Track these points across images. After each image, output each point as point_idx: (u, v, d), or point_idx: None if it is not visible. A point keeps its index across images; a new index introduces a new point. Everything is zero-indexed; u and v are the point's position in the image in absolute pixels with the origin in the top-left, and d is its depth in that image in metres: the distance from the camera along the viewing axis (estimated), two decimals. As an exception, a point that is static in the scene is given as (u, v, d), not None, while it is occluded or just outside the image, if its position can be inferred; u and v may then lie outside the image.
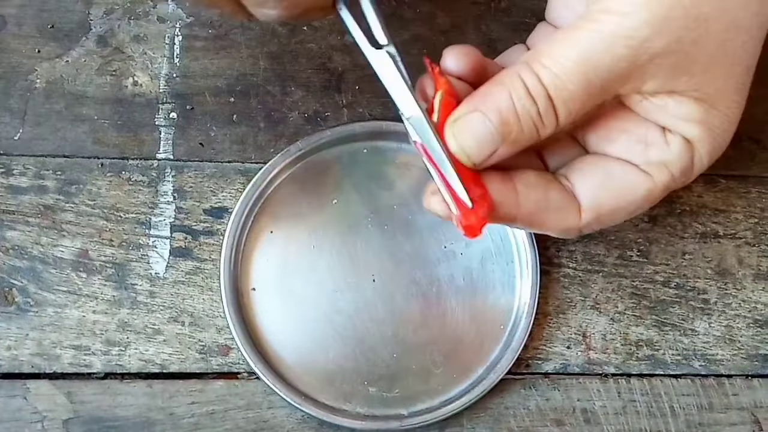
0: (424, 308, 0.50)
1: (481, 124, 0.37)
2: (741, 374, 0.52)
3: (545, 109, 0.37)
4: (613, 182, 0.40)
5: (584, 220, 0.40)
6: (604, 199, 0.40)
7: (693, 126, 0.38)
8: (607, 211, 0.40)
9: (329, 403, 0.49)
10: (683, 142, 0.39)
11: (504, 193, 0.39)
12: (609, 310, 0.52)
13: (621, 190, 0.40)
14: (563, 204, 0.40)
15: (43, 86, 0.51)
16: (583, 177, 0.40)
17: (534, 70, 0.37)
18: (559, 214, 0.40)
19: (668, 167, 0.39)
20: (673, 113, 0.38)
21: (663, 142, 0.39)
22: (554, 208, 0.40)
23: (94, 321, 0.49)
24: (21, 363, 0.49)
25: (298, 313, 0.50)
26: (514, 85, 0.37)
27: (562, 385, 0.51)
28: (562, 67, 0.36)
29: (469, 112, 0.38)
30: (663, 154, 0.39)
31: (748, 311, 0.52)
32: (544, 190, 0.40)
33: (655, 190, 0.40)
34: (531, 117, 0.37)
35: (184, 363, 0.50)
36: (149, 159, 0.51)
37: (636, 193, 0.40)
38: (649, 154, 0.39)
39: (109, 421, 0.49)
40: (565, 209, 0.40)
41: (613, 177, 0.40)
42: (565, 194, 0.40)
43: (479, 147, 0.38)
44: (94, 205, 0.50)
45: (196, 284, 0.50)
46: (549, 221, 0.40)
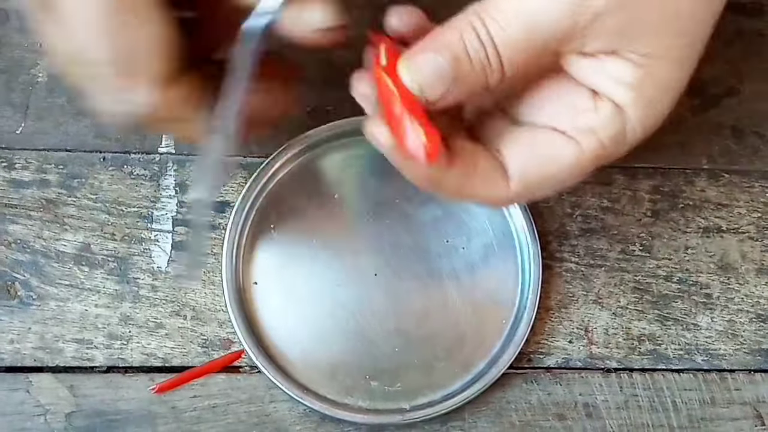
0: (426, 302, 0.50)
1: (433, 61, 0.37)
2: (743, 369, 0.52)
3: (493, 56, 0.37)
4: (540, 150, 0.39)
5: (513, 189, 0.40)
6: (530, 168, 0.39)
7: (626, 90, 0.38)
8: (534, 180, 0.40)
9: (331, 397, 0.49)
10: (613, 107, 0.38)
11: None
12: (611, 305, 0.52)
13: (547, 158, 0.39)
14: (492, 173, 0.39)
15: (45, 80, 0.51)
16: (511, 146, 0.40)
17: (482, 20, 0.37)
18: (488, 183, 0.39)
19: (596, 133, 0.38)
20: (608, 73, 0.37)
21: (592, 108, 0.38)
22: (482, 176, 0.39)
23: (97, 315, 0.50)
24: (24, 356, 0.49)
25: (299, 307, 0.50)
26: (464, 28, 0.37)
27: (564, 379, 0.51)
28: (507, 21, 0.36)
29: (422, 52, 0.38)
30: (591, 120, 0.38)
31: (751, 306, 0.52)
32: (473, 157, 0.39)
33: (583, 157, 0.39)
34: (480, 59, 0.37)
35: (186, 357, 0.50)
36: (151, 153, 0.51)
37: (562, 160, 0.39)
38: (577, 121, 0.39)
39: (111, 415, 0.49)
40: (493, 178, 0.39)
41: (540, 145, 0.39)
42: (494, 163, 0.40)
43: (433, 82, 0.37)
44: (96, 199, 0.50)
45: (198, 278, 0.50)
46: (477, 189, 0.40)
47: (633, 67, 0.37)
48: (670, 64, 0.38)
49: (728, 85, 0.37)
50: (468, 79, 0.38)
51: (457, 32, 0.37)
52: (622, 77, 0.37)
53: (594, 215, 0.53)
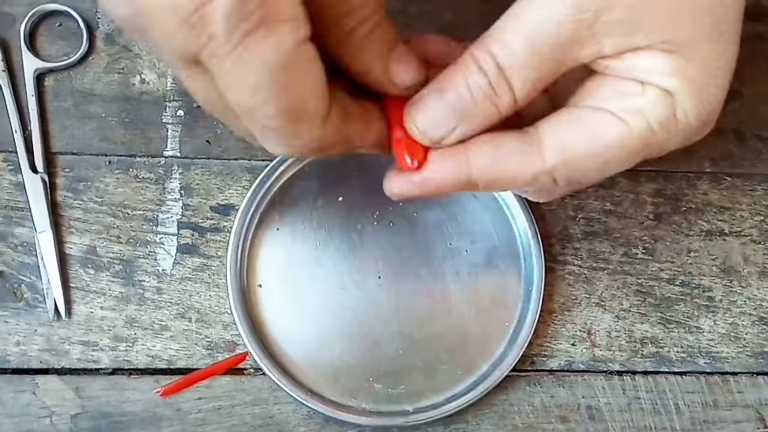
0: (430, 305, 0.50)
1: (435, 102, 0.37)
2: (746, 372, 0.52)
3: (496, 80, 0.36)
4: (582, 125, 0.37)
5: (548, 162, 0.37)
6: (571, 141, 0.37)
7: (669, 78, 0.36)
8: (575, 155, 0.37)
9: (335, 399, 0.49)
10: (661, 91, 0.36)
11: (451, 153, 0.38)
12: (614, 308, 0.52)
13: (590, 134, 0.37)
14: (520, 147, 0.38)
15: (51, 84, 0.51)
16: (550, 122, 0.38)
17: (483, 45, 0.36)
18: (519, 159, 0.38)
19: (644, 114, 0.37)
20: (645, 69, 0.36)
21: (639, 92, 0.37)
22: (510, 154, 0.38)
23: (102, 317, 0.50)
24: (30, 358, 0.49)
25: (304, 309, 0.50)
26: (465, 62, 0.37)
27: (566, 382, 0.51)
28: (509, 37, 0.36)
29: (426, 94, 0.38)
30: (638, 101, 0.37)
31: (754, 309, 0.52)
32: (496, 139, 0.38)
33: (631, 137, 0.37)
34: (482, 90, 0.36)
35: (191, 359, 0.50)
36: (156, 156, 0.51)
37: (607, 136, 0.37)
38: (625, 102, 0.37)
39: (116, 416, 0.49)
40: (523, 152, 0.38)
41: (582, 120, 0.38)
42: (520, 137, 0.38)
43: (435, 125, 0.37)
44: (102, 202, 0.51)
45: (203, 281, 0.50)
46: (509, 169, 0.38)
47: (665, 56, 0.36)
48: (702, 42, 0.36)
49: (730, 89, 0.37)
50: (472, 113, 0.37)
51: (458, 68, 0.37)
52: (661, 67, 0.36)
53: (597, 218, 0.53)
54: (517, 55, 0.36)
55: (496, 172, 0.38)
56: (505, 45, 0.36)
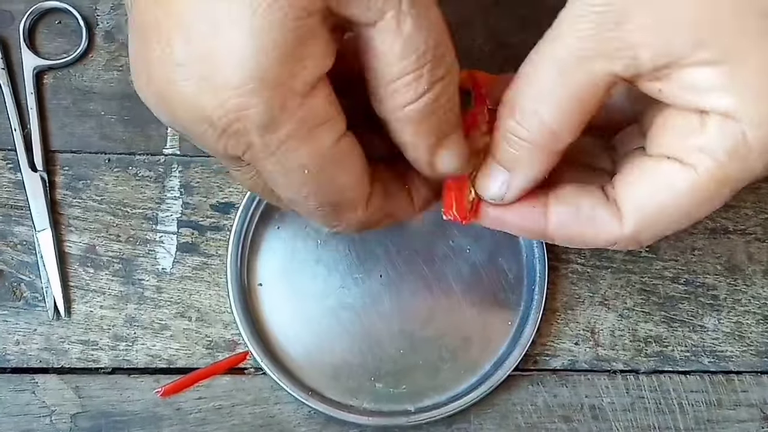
0: (432, 304, 0.50)
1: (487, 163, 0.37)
2: (750, 371, 0.52)
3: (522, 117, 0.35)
4: (653, 179, 0.36)
5: (627, 228, 0.36)
6: (643, 201, 0.36)
7: (722, 95, 0.33)
8: (651, 215, 0.36)
9: (336, 399, 0.49)
10: (719, 119, 0.34)
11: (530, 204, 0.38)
12: (617, 307, 0.52)
13: (660, 189, 0.35)
14: (598, 213, 0.37)
15: (50, 82, 0.51)
16: (624, 182, 0.37)
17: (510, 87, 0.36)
18: (595, 225, 0.37)
19: (708, 152, 0.34)
20: (697, 87, 0.34)
21: (699, 127, 0.34)
22: (587, 218, 0.37)
23: (102, 316, 0.50)
24: (29, 357, 0.49)
25: (304, 308, 0.50)
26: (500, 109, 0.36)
27: (570, 381, 0.51)
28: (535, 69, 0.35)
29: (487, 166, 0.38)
30: (699, 139, 0.34)
31: (758, 307, 0.52)
32: (576, 201, 0.37)
33: (701, 182, 0.34)
34: (509, 131, 0.36)
35: (191, 358, 0.50)
36: (156, 154, 0.51)
37: (676, 188, 0.35)
38: (687, 143, 0.35)
39: (116, 416, 0.49)
40: (600, 219, 0.37)
41: (652, 174, 0.36)
42: (600, 202, 0.37)
43: (485, 184, 0.37)
44: (101, 200, 0.50)
45: (203, 279, 0.50)
46: (585, 234, 0.37)
47: (712, 68, 0.33)
48: (757, 44, 0.33)
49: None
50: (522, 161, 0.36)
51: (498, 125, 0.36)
52: (710, 83, 0.33)
53: (600, 216, 0.52)
54: (544, 83, 0.35)
55: (574, 234, 0.38)
56: (530, 77, 0.35)
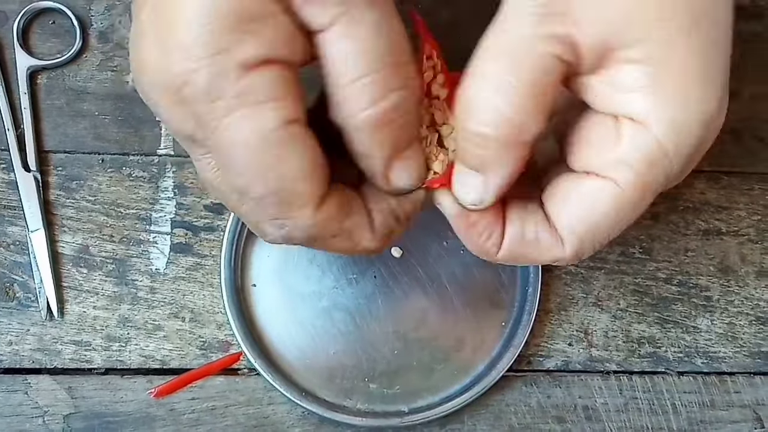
0: (425, 305, 0.50)
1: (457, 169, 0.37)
2: (743, 372, 0.52)
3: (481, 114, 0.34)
4: (578, 199, 0.36)
5: (568, 250, 0.37)
6: (575, 221, 0.36)
7: (642, 98, 0.33)
8: (586, 233, 0.36)
9: (330, 400, 0.49)
10: (633, 127, 0.34)
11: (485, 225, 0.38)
12: (611, 307, 0.52)
13: (587, 206, 0.36)
14: (541, 236, 0.37)
15: (44, 82, 0.51)
16: (555, 203, 0.37)
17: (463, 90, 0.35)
18: (539, 247, 0.37)
19: (626, 163, 0.34)
20: (620, 85, 0.33)
21: (615, 138, 0.34)
22: (531, 241, 0.37)
23: (95, 317, 0.49)
24: (22, 358, 0.49)
25: (298, 309, 0.50)
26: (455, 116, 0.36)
27: (563, 382, 0.51)
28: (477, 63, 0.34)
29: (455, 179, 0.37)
30: (615, 150, 0.34)
31: (751, 309, 0.52)
32: (521, 224, 0.37)
33: (624, 194, 0.34)
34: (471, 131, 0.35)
35: (184, 359, 0.49)
36: (150, 155, 0.51)
37: (602, 204, 0.35)
38: (605, 158, 0.35)
39: (109, 417, 0.49)
40: (543, 241, 0.37)
41: (577, 194, 0.36)
42: (542, 225, 0.37)
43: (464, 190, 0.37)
44: (95, 200, 0.50)
45: (197, 280, 0.50)
46: (531, 255, 0.38)
47: (637, 66, 0.33)
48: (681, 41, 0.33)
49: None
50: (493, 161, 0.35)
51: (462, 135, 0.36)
52: (632, 82, 0.33)
53: (593, 217, 0.52)
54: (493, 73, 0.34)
55: (518, 256, 0.38)
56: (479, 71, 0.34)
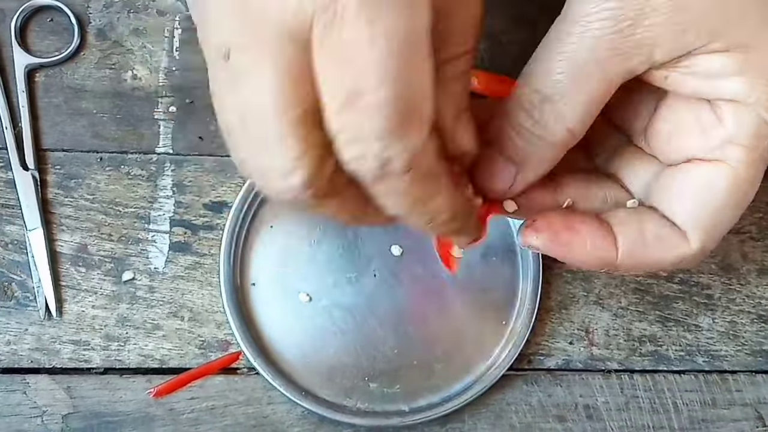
0: (426, 303, 0.50)
1: (489, 158, 0.37)
2: (745, 370, 0.51)
3: (541, 115, 0.35)
4: (693, 189, 0.36)
5: (694, 244, 0.36)
6: (697, 211, 0.36)
7: (735, 81, 0.34)
8: (711, 224, 0.36)
9: (330, 399, 0.49)
10: (733, 107, 0.34)
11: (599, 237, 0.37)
12: (612, 306, 0.51)
13: (706, 194, 0.36)
14: (664, 234, 0.36)
15: (41, 80, 0.50)
16: (668, 198, 0.37)
17: (525, 84, 0.36)
18: (663, 245, 0.36)
19: (735, 142, 0.35)
20: (706, 74, 0.34)
21: (716, 120, 0.35)
22: (654, 241, 0.36)
23: (94, 316, 0.49)
24: (20, 358, 0.49)
25: (298, 308, 0.49)
26: (509, 103, 0.36)
27: (564, 380, 0.51)
28: (547, 66, 0.35)
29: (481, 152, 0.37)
30: (721, 132, 0.35)
31: (752, 307, 0.52)
32: (639, 226, 0.37)
33: (740, 173, 0.35)
34: (529, 129, 0.35)
35: (183, 358, 0.49)
36: (148, 153, 0.50)
37: (720, 188, 0.35)
38: (709, 141, 0.35)
39: (108, 416, 0.48)
40: (667, 240, 0.36)
41: (690, 184, 0.36)
42: (663, 223, 0.37)
43: (493, 178, 0.37)
44: (93, 199, 0.50)
45: (196, 279, 0.50)
46: (653, 255, 0.37)
47: (722, 56, 0.34)
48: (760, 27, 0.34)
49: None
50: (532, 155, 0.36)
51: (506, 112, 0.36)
52: (722, 70, 0.34)
53: (594, 215, 0.52)
54: (560, 81, 0.34)
55: (641, 259, 0.37)
56: (546, 75, 0.35)
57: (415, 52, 0.28)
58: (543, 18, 0.50)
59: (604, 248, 0.36)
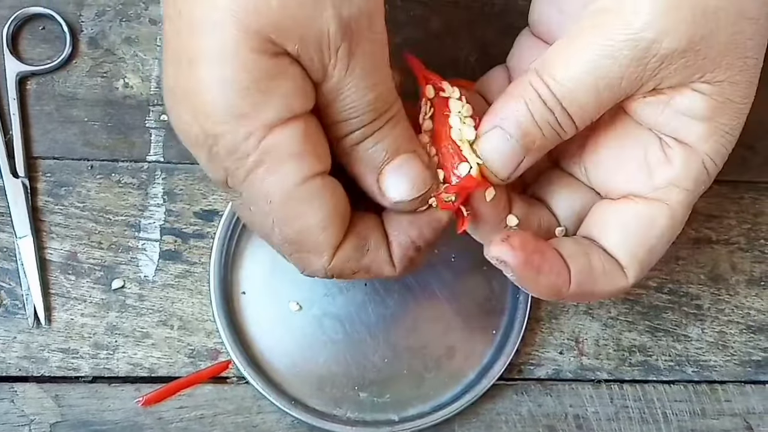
0: (416, 312, 0.50)
1: (503, 141, 0.37)
2: (734, 380, 0.52)
3: (562, 118, 0.36)
4: (636, 226, 0.38)
5: (631, 276, 0.38)
6: (636, 247, 0.38)
7: (699, 125, 0.36)
8: (645, 257, 0.38)
9: (319, 408, 0.48)
10: (684, 151, 0.36)
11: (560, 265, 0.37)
12: (602, 316, 0.52)
13: (646, 232, 0.38)
14: (607, 268, 0.38)
15: (33, 87, 0.50)
16: (608, 234, 0.38)
17: (545, 82, 0.36)
18: (607, 278, 0.38)
19: (679, 185, 0.37)
20: (677, 109, 0.36)
21: (664, 160, 0.37)
22: (599, 274, 0.38)
23: (83, 324, 0.49)
24: (8, 366, 0.48)
25: (288, 316, 0.49)
26: (529, 96, 0.36)
27: (554, 390, 0.51)
28: (571, 80, 0.35)
29: (490, 130, 0.37)
30: (668, 173, 0.37)
31: (741, 317, 0.52)
32: (587, 257, 0.38)
33: (677, 214, 0.37)
34: (550, 124, 0.36)
35: (172, 367, 0.49)
36: (139, 161, 0.50)
37: (659, 226, 0.37)
38: (655, 179, 0.37)
39: (96, 425, 0.48)
40: (610, 273, 0.38)
41: (635, 221, 0.38)
42: (606, 256, 0.38)
43: (505, 163, 0.37)
44: (84, 207, 0.50)
45: (186, 287, 0.50)
46: (597, 287, 0.38)
47: (704, 99, 0.35)
48: (743, 86, 0.36)
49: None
50: (541, 146, 0.37)
51: (522, 101, 0.36)
52: (694, 110, 0.36)
53: (584, 226, 0.52)
54: (580, 99, 0.35)
55: (586, 290, 0.38)
56: (569, 89, 0.35)
57: (294, 202, 0.34)
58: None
59: (562, 277, 0.37)
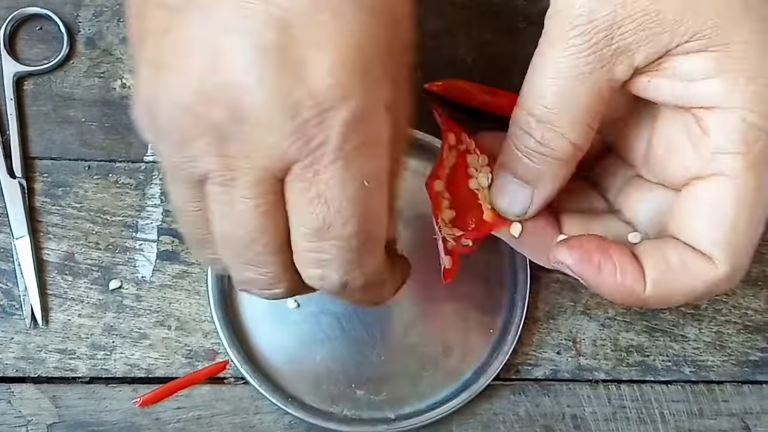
0: (413, 311, 0.50)
1: (506, 181, 0.39)
2: (731, 380, 0.52)
3: (543, 135, 0.36)
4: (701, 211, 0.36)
5: (722, 265, 0.35)
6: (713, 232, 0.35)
7: (711, 83, 0.34)
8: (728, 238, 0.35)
9: (316, 406, 0.48)
10: (713, 114, 0.34)
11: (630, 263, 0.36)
12: (599, 316, 0.52)
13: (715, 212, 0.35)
14: (687, 260, 0.36)
15: (30, 88, 0.50)
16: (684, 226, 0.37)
17: (520, 106, 0.37)
18: (691, 273, 0.36)
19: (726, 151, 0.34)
20: (686, 77, 0.34)
21: (700, 133, 0.35)
22: (679, 269, 0.36)
23: (80, 325, 0.49)
24: (5, 366, 0.48)
25: (285, 315, 0.49)
26: (510, 130, 0.38)
27: (552, 390, 0.51)
28: (537, 89, 0.36)
29: (496, 176, 0.40)
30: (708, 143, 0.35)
31: (739, 317, 0.52)
32: (660, 253, 0.36)
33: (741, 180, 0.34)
34: (533, 149, 0.37)
35: (170, 368, 0.49)
36: (137, 162, 0.50)
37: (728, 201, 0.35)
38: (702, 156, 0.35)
39: (94, 426, 0.48)
40: (691, 266, 0.36)
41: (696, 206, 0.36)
42: (684, 248, 0.36)
43: (511, 202, 0.40)
44: (81, 207, 0.50)
45: (183, 288, 0.50)
46: (682, 284, 0.36)
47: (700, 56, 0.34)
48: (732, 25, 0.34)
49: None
50: (542, 173, 0.38)
51: (509, 138, 0.38)
52: (697, 70, 0.34)
53: (581, 226, 0.52)
54: (552, 101, 0.36)
55: (669, 290, 0.36)
56: (538, 97, 0.36)
57: (378, 189, 0.32)
58: (529, 29, 0.51)
59: (634, 276, 0.36)
